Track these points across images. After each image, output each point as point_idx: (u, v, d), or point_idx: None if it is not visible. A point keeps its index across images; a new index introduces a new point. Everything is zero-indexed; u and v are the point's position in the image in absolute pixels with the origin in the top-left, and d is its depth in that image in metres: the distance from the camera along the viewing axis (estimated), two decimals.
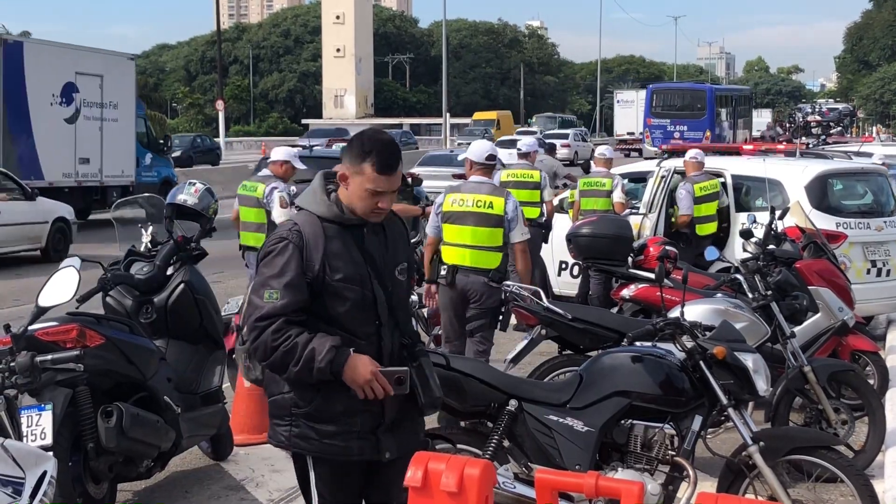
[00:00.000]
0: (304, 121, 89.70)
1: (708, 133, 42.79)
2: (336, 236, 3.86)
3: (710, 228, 11.30)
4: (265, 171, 10.71)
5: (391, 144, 3.90)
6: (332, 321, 3.84)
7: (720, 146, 16.05)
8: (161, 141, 28.81)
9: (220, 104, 49.88)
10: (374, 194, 3.84)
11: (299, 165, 10.51)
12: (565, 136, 49.23)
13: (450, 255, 7.84)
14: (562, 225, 12.10)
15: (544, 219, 12.07)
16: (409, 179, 12.81)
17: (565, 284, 12.72)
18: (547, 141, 19.39)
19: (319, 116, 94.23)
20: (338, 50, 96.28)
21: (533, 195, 11.87)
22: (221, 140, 48.30)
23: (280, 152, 10.65)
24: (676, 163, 12.65)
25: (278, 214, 9.86)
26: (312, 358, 3.73)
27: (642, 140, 47.46)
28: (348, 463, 3.93)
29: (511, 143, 27.63)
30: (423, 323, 9.11)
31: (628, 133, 56.04)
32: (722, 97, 49.59)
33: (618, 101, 61.36)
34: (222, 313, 7.33)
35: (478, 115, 69.29)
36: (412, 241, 9.31)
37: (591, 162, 12.95)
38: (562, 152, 36.43)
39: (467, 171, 8.09)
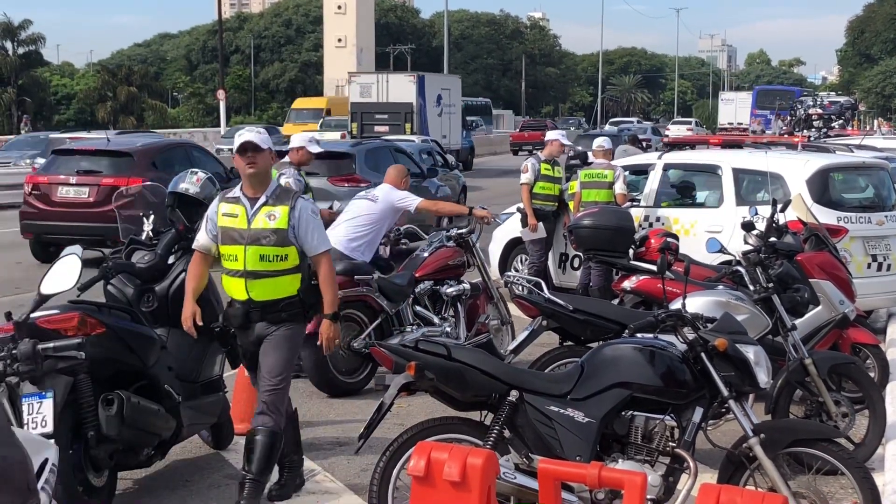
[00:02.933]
0: None
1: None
2: None
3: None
4: (284, 159, 10.72)
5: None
6: None
7: (724, 137, 16.04)
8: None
9: (221, 94, 49.90)
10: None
11: (314, 149, 10.37)
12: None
13: None
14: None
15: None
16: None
17: (566, 277, 12.73)
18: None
19: None
20: (339, 40, 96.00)
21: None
22: (222, 130, 48.26)
23: (296, 139, 10.55)
24: (677, 156, 12.68)
25: None
26: None
27: (749, 127, 56.20)
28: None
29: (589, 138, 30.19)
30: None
31: (729, 122, 65.28)
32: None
33: (722, 100, 72.29)
34: None
35: (300, 103, 59.71)
36: (461, 230, 9.74)
37: (590, 154, 12.95)
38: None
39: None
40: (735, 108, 66.50)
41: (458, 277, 9.64)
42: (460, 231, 9.76)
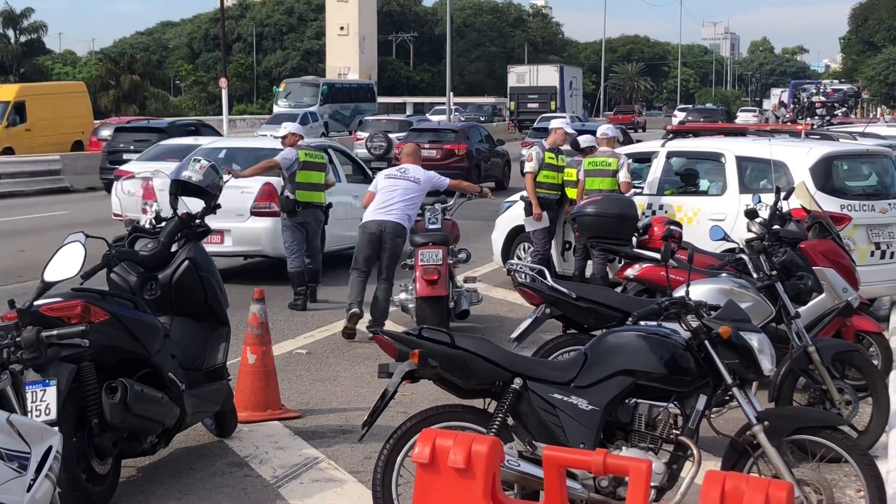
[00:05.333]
0: None
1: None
2: None
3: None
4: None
5: None
6: None
7: (725, 126, 15.99)
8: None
9: (223, 82, 49.61)
10: None
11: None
12: None
13: None
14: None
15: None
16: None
17: (569, 265, 12.73)
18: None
19: None
20: (341, 28, 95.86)
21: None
22: (224, 118, 48.12)
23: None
24: (680, 144, 12.64)
25: None
26: None
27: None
28: None
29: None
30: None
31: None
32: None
33: (772, 95, 78.29)
34: None
35: None
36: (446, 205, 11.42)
37: (581, 140, 12.93)
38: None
39: None
40: (780, 100, 69.33)
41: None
42: (445, 206, 11.30)
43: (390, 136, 31.52)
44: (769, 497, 3.72)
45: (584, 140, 12.86)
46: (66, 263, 4.69)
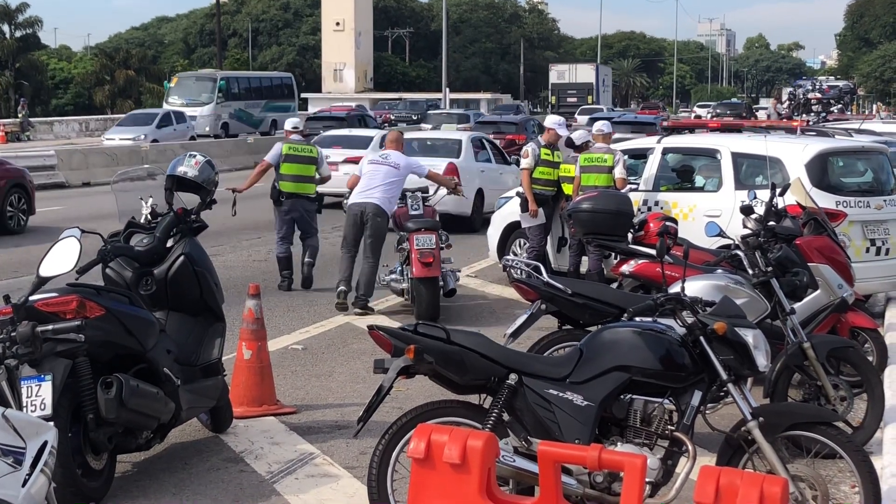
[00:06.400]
0: (302, 95, 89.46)
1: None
2: None
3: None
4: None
5: None
6: None
7: (725, 122, 16.00)
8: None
9: None
10: None
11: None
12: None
13: None
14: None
15: None
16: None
17: (564, 260, 12.73)
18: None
19: (319, 91, 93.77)
20: (337, 23, 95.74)
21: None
22: None
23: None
24: (676, 140, 12.65)
25: None
26: None
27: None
28: None
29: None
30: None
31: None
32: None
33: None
34: None
35: None
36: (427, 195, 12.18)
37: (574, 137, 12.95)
38: None
39: None
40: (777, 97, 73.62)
41: None
42: (426, 195, 12.12)
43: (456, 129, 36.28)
44: (763, 492, 3.73)
45: (577, 136, 12.87)
46: (62, 258, 4.69)
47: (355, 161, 16.67)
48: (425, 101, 69.46)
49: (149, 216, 7.08)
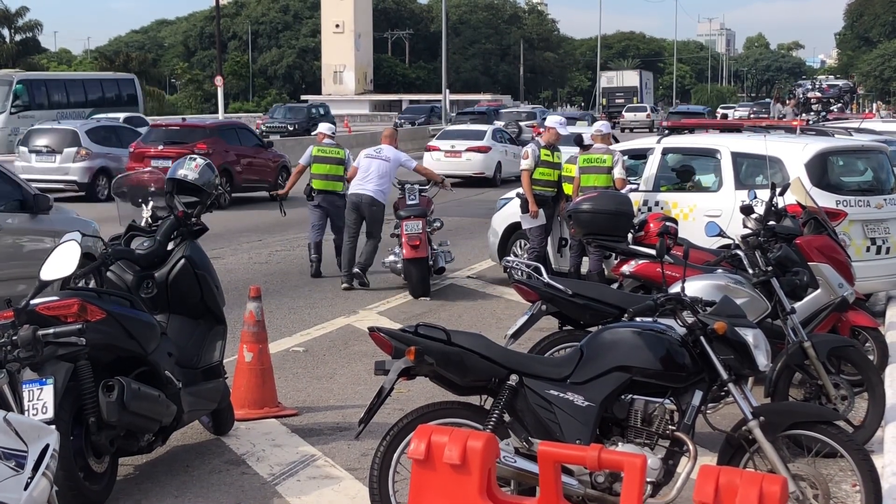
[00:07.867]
0: (303, 97, 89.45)
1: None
2: None
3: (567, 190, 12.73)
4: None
5: None
6: None
7: (723, 123, 16.00)
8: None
9: (218, 80, 49.65)
10: None
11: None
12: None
13: None
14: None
15: None
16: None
17: (565, 261, 12.74)
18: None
19: (318, 92, 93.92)
20: (337, 25, 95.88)
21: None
22: (220, 117, 48.07)
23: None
24: (676, 140, 12.65)
25: None
26: None
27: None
28: None
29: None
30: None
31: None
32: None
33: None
34: None
35: None
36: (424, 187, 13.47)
37: (589, 138, 12.95)
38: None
39: None
40: (776, 97, 75.35)
41: None
42: (422, 187, 13.33)
43: (521, 123, 42.63)
44: (763, 491, 3.74)
45: (588, 137, 12.91)
46: (63, 262, 4.70)
47: (476, 150, 28.15)
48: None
49: (149, 219, 7.09)
